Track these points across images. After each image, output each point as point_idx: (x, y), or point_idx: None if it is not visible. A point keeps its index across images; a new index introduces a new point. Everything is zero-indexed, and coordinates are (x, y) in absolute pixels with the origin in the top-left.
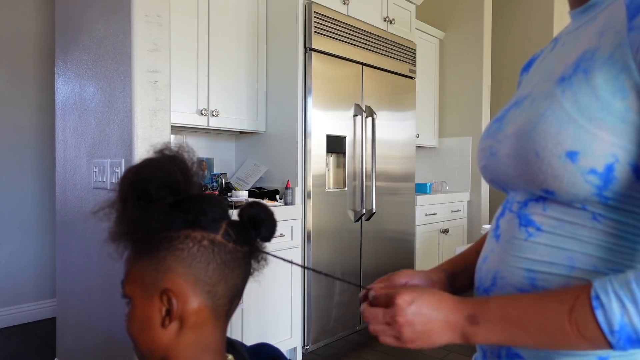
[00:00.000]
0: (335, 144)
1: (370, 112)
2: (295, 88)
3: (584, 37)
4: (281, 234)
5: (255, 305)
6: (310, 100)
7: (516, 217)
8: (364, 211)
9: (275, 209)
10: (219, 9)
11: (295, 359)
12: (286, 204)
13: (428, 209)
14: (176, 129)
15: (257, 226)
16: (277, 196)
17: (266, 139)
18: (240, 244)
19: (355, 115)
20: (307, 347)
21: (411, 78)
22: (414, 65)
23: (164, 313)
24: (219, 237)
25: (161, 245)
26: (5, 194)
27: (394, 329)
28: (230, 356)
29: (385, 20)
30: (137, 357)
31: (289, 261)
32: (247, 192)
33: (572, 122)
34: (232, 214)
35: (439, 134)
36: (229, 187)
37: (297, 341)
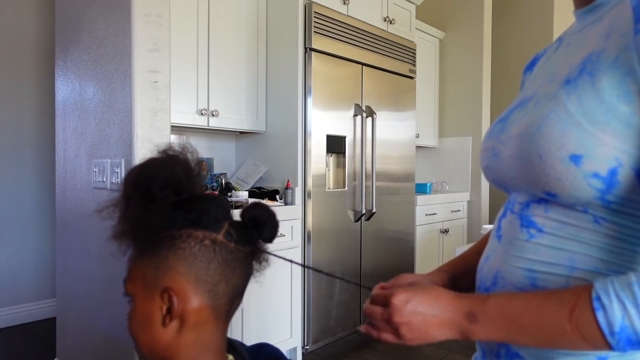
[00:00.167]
0: (335, 144)
1: (370, 112)
2: (295, 88)
3: (590, 38)
4: (281, 234)
5: (255, 305)
6: (310, 100)
7: (518, 218)
8: (364, 211)
9: (275, 209)
10: (219, 9)
11: (295, 359)
12: (286, 204)
13: (428, 209)
14: (176, 129)
15: (259, 227)
16: (277, 196)
17: (266, 139)
18: (241, 244)
19: (355, 115)
20: (307, 347)
21: (411, 78)
22: (414, 65)
23: (164, 312)
24: (220, 237)
25: (163, 244)
26: (5, 194)
27: (391, 327)
28: (230, 356)
29: (385, 20)
30: (138, 355)
31: (289, 260)
32: (247, 192)
33: (576, 125)
34: (234, 214)
35: (439, 134)
36: (229, 187)
37: (297, 341)
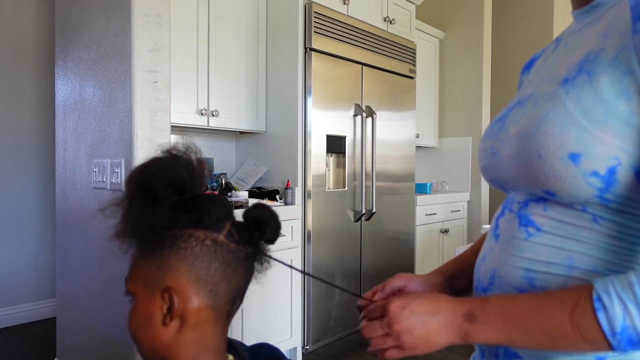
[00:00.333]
0: (335, 144)
1: (370, 112)
2: (295, 88)
3: (588, 38)
4: (281, 234)
5: (255, 305)
6: (310, 100)
7: (516, 217)
8: (364, 211)
9: (275, 209)
10: (218, 9)
11: (295, 359)
12: (286, 204)
13: (428, 209)
14: (176, 129)
15: (261, 228)
16: (277, 196)
17: (266, 139)
18: (243, 244)
19: (355, 115)
20: (307, 347)
21: (411, 78)
22: (414, 65)
23: (165, 311)
24: (221, 237)
25: (164, 244)
26: (5, 194)
27: (392, 338)
28: (230, 356)
29: (385, 20)
30: (140, 354)
31: (289, 266)
32: (247, 192)
33: (575, 124)
34: (236, 214)
35: (439, 134)
36: (229, 187)
37: (297, 341)
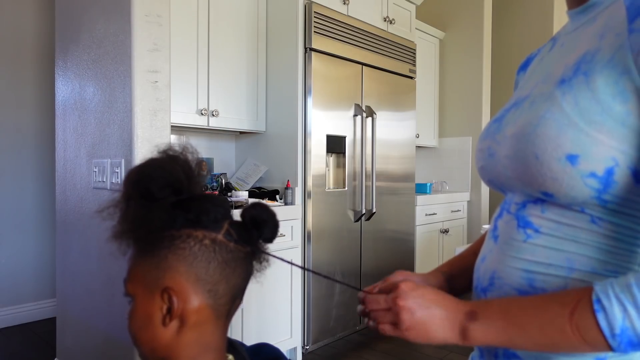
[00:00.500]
0: (335, 144)
1: (370, 112)
2: (295, 88)
3: (584, 38)
4: (281, 234)
5: (255, 305)
6: (310, 100)
7: (514, 219)
8: (364, 211)
9: (275, 209)
10: (218, 9)
11: (295, 359)
12: (286, 204)
13: (428, 209)
14: (176, 129)
15: (259, 227)
16: (277, 196)
17: (266, 139)
18: (241, 243)
19: (355, 115)
20: (307, 347)
21: (411, 78)
22: (414, 65)
23: (164, 311)
24: (220, 237)
25: (163, 244)
26: (5, 194)
27: (393, 313)
28: (230, 356)
29: (385, 20)
30: (139, 355)
31: (288, 262)
32: (247, 192)
33: (572, 125)
34: (234, 214)
35: (439, 134)
36: (229, 187)
37: (297, 341)
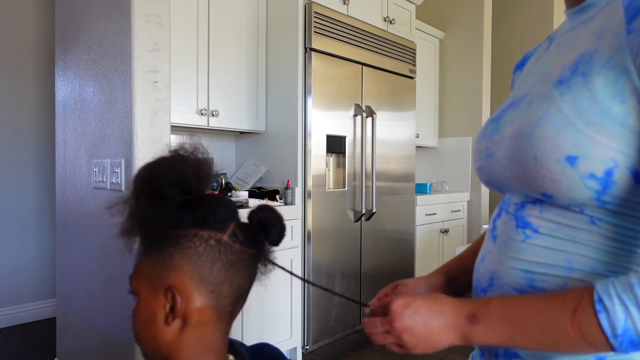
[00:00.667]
0: (335, 144)
1: (370, 112)
2: (295, 88)
3: (581, 38)
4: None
5: (255, 305)
6: (310, 100)
7: (513, 219)
8: (364, 211)
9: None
10: (218, 9)
11: (295, 359)
12: (286, 204)
13: (428, 209)
14: (176, 129)
15: (266, 230)
16: (277, 196)
17: (266, 139)
18: (247, 245)
19: (355, 115)
20: (307, 347)
21: (411, 78)
22: (414, 65)
23: (167, 310)
24: (225, 238)
25: (169, 243)
26: (5, 194)
27: (393, 335)
28: (230, 356)
29: (385, 20)
30: (142, 354)
31: (289, 272)
32: (247, 192)
33: (571, 126)
34: (241, 215)
35: (439, 134)
36: (229, 187)
37: (297, 341)
